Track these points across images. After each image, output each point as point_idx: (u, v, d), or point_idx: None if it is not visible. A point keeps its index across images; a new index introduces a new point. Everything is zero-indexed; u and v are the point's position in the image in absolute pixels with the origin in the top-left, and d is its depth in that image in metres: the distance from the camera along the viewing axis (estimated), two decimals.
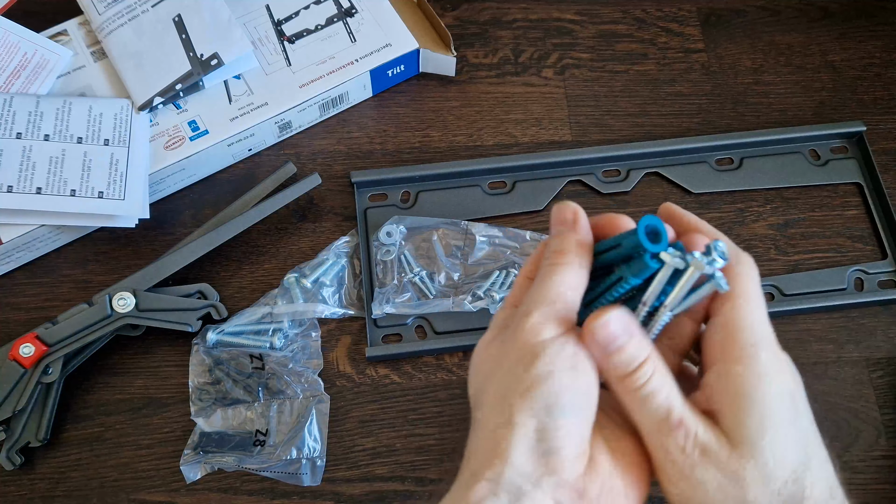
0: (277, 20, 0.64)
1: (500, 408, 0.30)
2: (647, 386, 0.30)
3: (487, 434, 0.30)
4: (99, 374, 0.56)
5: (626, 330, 0.30)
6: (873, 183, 0.63)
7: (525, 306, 0.31)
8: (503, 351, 0.31)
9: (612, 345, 0.30)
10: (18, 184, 0.55)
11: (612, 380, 0.31)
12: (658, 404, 0.30)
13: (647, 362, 0.30)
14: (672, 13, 0.71)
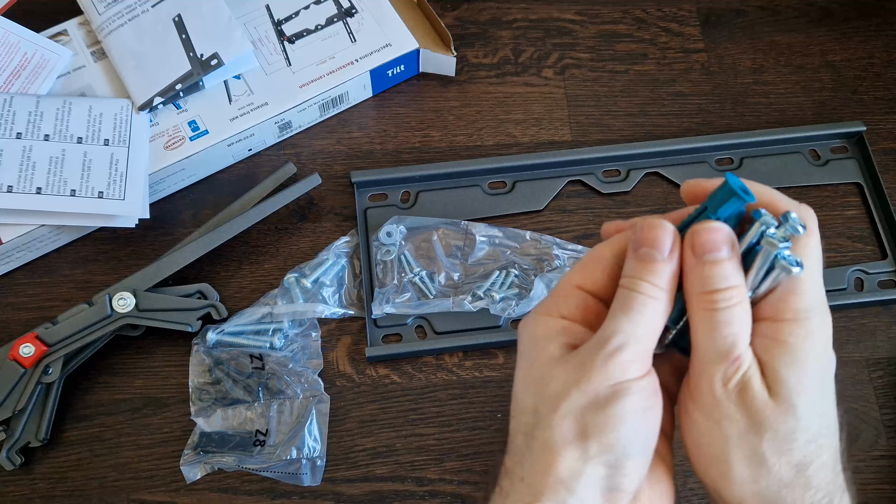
0: (277, 20, 0.64)
1: (574, 434, 0.29)
2: (728, 311, 0.29)
3: (554, 457, 0.30)
4: (99, 374, 0.56)
5: (730, 248, 0.29)
6: (873, 183, 0.63)
7: (614, 339, 0.29)
8: (582, 377, 0.30)
9: (714, 253, 0.29)
10: (18, 184, 0.55)
11: (692, 293, 0.30)
12: (728, 333, 0.29)
13: (738, 289, 0.29)
14: (672, 13, 0.71)
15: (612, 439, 0.29)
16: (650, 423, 0.30)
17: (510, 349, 0.57)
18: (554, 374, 0.30)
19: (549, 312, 0.32)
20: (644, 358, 0.30)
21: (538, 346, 0.32)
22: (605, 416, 0.29)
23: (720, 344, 0.29)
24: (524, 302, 0.56)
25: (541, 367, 0.31)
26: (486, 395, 0.55)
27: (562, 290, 0.33)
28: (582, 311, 0.32)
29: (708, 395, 0.30)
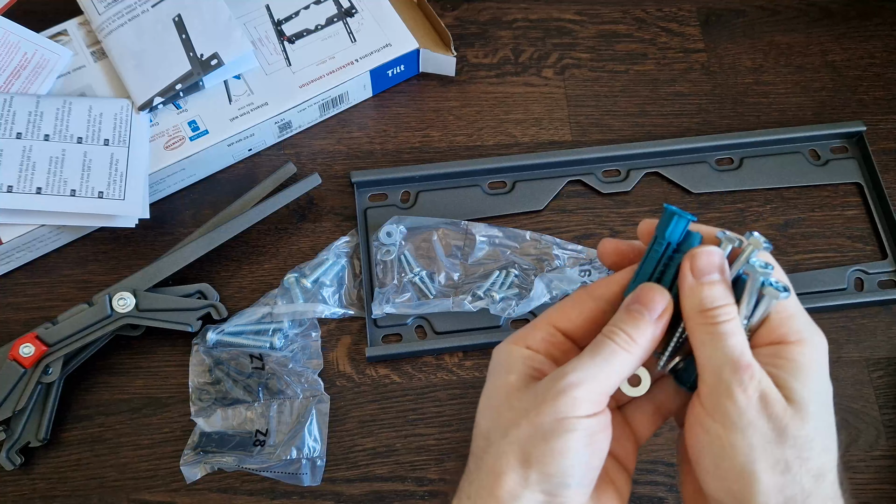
0: (277, 20, 0.64)
1: (517, 461, 0.31)
2: (728, 325, 0.31)
3: (496, 480, 0.31)
4: (99, 374, 0.56)
5: (723, 269, 0.32)
6: (873, 183, 0.63)
7: (573, 375, 0.31)
8: (534, 407, 0.31)
9: (710, 275, 0.32)
10: (18, 184, 0.55)
11: (691, 312, 0.32)
12: (734, 343, 0.31)
13: (731, 306, 0.31)
14: (672, 13, 0.71)
15: (552, 470, 0.31)
16: (593, 459, 0.31)
17: None
18: (510, 404, 0.32)
19: (516, 342, 0.34)
20: (598, 399, 0.31)
21: (501, 374, 0.34)
22: (548, 448, 0.31)
23: (730, 353, 0.30)
24: (524, 302, 0.56)
25: (500, 394, 0.33)
26: None
27: (536, 324, 0.35)
28: (548, 344, 0.34)
29: (730, 405, 0.30)
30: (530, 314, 0.57)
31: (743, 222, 0.62)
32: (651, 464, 0.54)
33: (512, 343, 0.35)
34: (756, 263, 0.31)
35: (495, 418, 0.33)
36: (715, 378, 0.31)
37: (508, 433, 0.31)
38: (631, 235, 0.61)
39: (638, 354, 0.32)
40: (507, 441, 0.31)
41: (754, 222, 0.62)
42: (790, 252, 0.61)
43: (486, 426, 0.33)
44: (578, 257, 0.59)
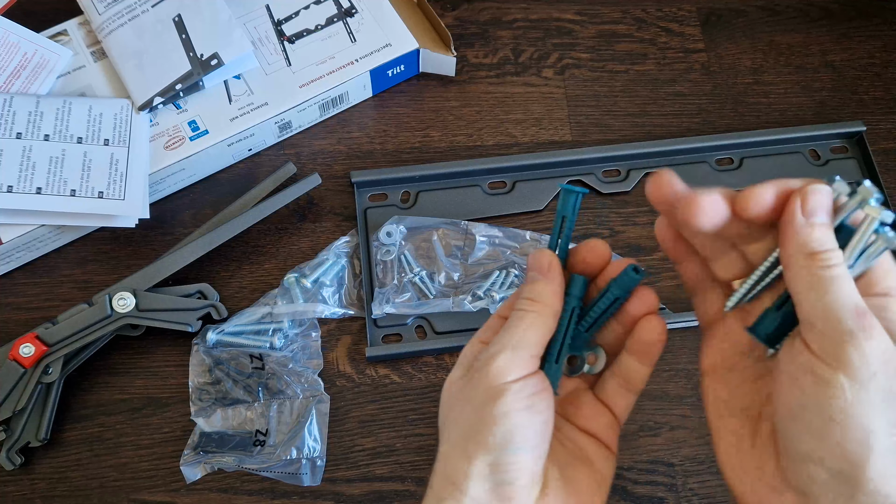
0: (277, 20, 0.64)
1: (460, 442, 0.32)
2: (841, 268, 0.29)
3: (449, 465, 0.33)
4: (99, 374, 0.56)
5: (830, 213, 0.30)
6: (873, 183, 0.63)
7: (493, 348, 0.33)
8: (469, 388, 0.33)
9: (819, 216, 0.29)
10: (18, 184, 0.55)
11: (798, 255, 0.29)
12: (851, 288, 0.28)
13: (839, 252, 0.29)
14: (672, 13, 0.71)
15: (489, 438, 0.32)
16: (534, 421, 0.32)
17: None
18: (452, 393, 0.35)
19: (473, 340, 0.36)
20: (522, 363, 0.33)
21: (456, 369, 0.36)
22: (483, 417, 0.32)
23: (848, 299, 0.28)
24: None
25: (447, 390, 0.35)
26: None
27: (488, 322, 0.37)
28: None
29: (855, 354, 0.27)
30: None
31: None
32: (651, 464, 0.54)
33: (471, 342, 0.37)
34: (873, 203, 0.29)
35: (445, 411, 0.35)
36: (833, 325, 0.28)
37: (449, 415, 0.34)
38: (631, 235, 0.61)
39: (546, 311, 0.34)
40: (450, 423, 0.34)
41: None
42: None
43: (441, 420, 0.35)
44: None
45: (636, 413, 0.55)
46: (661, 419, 0.55)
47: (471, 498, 0.32)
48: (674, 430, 0.55)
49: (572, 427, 0.36)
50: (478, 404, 0.32)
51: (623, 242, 0.61)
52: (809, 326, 0.29)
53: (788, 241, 0.29)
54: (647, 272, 0.34)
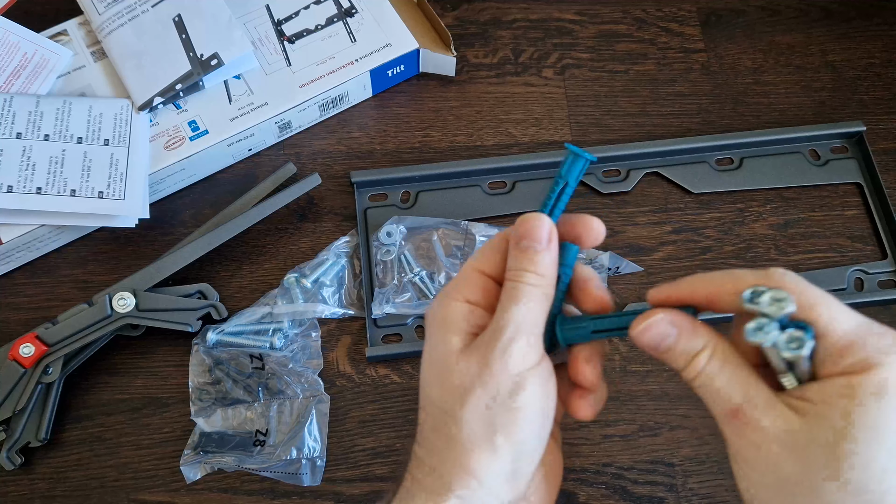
0: (277, 20, 0.64)
1: (482, 429, 0.31)
2: (702, 377, 0.30)
3: (464, 451, 0.31)
4: (99, 374, 0.56)
5: (671, 327, 0.30)
6: (873, 183, 0.63)
7: (510, 328, 0.31)
8: (484, 370, 0.31)
9: (661, 345, 0.31)
10: (18, 184, 0.55)
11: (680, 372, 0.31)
12: (717, 387, 0.30)
13: (701, 354, 0.30)
14: (672, 13, 0.71)
15: (517, 432, 0.31)
16: (549, 409, 0.32)
17: None
18: (457, 367, 0.32)
19: (454, 297, 0.33)
20: (537, 345, 0.32)
21: (441, 335, 0.33)
22: (511, 411, 0.31)
23: (720, 403, 0.30)
24: None
25: (443, 358, 0.33)
26: None
27: (464, 274, 0.34)
28: (483, 293, 0.34)
29: (748, 452, 0.29)
30: None
31: (743, 222, 0.62)
32: (651, 464, 0.54)
33: (451, 298, 0.33)
34: (770, 342, 0.28)
35: (444, 384, 0.32)
36: (720, 422, 0.30)
37: (466, 401, 0.31)
38: (631, 235, 0.61)
39: (548, 285, 0.32)
40: (468, 410, 0.31)
41: (754, 222, 0.62)
42: (790, 252, 0.61)
43: (438, 394, 0.32)
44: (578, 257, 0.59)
45: (635, 413, 0.55)
46: (660, 419, 0.55)
47: (488, 488, 0.31)
48: (674, 429, 0.55)
49: None
50: (503, 396, 0.31)
51: (623, 242, 0.61)
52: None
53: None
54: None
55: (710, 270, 0.32)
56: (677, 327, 0.30)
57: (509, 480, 0.32)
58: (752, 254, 0.61)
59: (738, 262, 0.60)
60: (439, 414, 0.32)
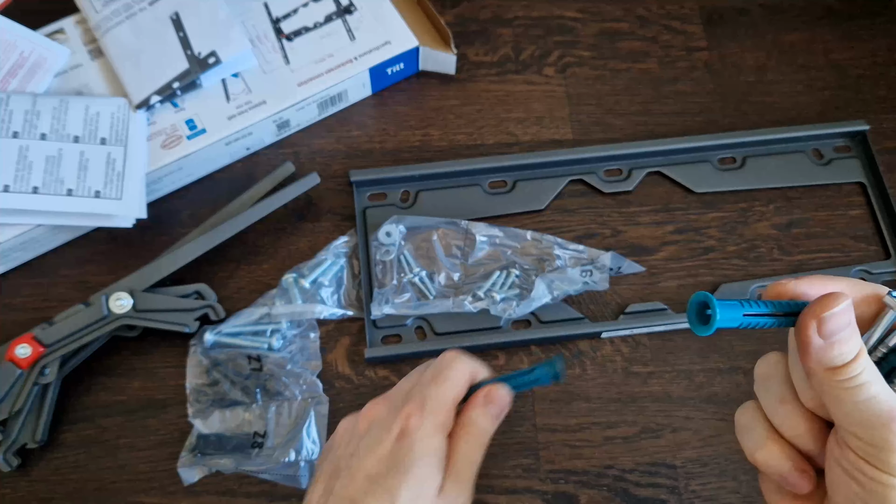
0: (275, 18, 0.64)
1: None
2: (861, 377, 0.29)
3: None
4: (96, 375, 0.55)
5: (850, 319, 0.29)
6: (877, 182, 0.62)
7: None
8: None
9: (836, 335, 0.29)
10: (15, 183, 0.54)
11: (818, 371, 0.29)
12: (877, 397, 0.28)
13: (862, 355, 0.29)
14: (674, 11, 0.70)
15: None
16: None
17: (511, 350, 0.57)
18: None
19: (442, 431, 0.37)
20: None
21: (430, 471, 0.36)
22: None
23: (878, 409, 0.29)
24: (525, 302, 0.55)
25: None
26: None
27: (444, 408, 0.37)
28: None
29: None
30: (531, 315, 0.57)
31: (746, 222, 0.61)
32: (653, 466, 0.53)
33: (441, 433, 0.38)
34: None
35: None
36: (869, 435, 0.28)
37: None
38: (633, 235, 0.61)
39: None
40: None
41: (757, 222, 0.61)
42: (793, 252, 0.60)
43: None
44: (580, 257, 0.58)
45: (638, 415, 0.55)
46: (663, 421, 0.55)
47: None
48: (676, 431, 0.54)
49: None
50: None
51: (625, 243, 0.60)
52: (846, 435, 0.29)
53: (807, 357, 0.29)
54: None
55: (714, 270, 0.31)
56: (852, 318, 0.29)
57: None
58: (755, 254, 0.60)
59: (741, 262, 0.60)
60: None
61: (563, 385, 0.55)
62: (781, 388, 0.32)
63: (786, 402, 0.31)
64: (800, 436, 0.31)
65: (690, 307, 0.30)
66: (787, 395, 0.31)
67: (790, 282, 0.31)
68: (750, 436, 0.33)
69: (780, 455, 0.31)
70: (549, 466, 0.53)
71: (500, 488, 0.53)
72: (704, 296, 0.29)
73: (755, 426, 0.33)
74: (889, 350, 0.30)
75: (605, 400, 0.55)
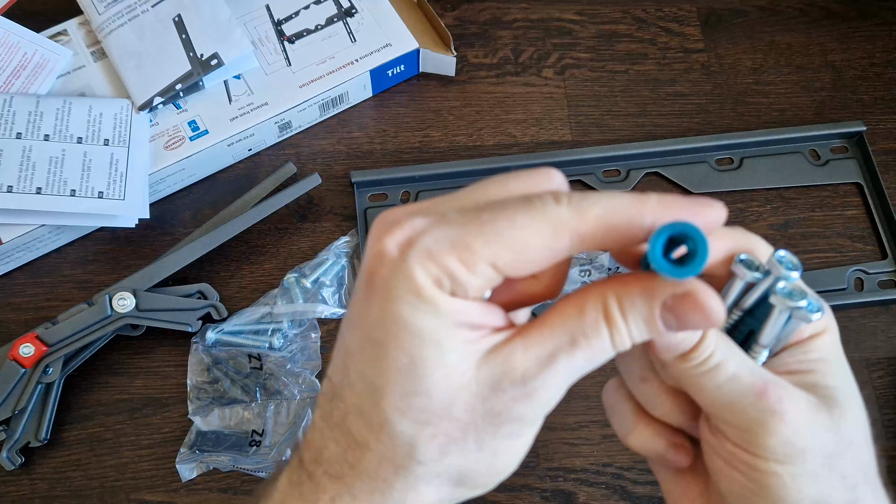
0: (277, 20, 0.64)
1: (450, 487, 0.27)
2: (715, 359, 0.26)
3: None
4: (99, 374, 0.56)
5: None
6: (873, 183, 0.63)
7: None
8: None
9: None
10: (18, 184, 0.55)
11: (669, 358, 0.26)
12: (739, 377, 0.26)
13: (708, 333, 0.26)
14: (672, 13, 0.71)
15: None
16: None
17: None
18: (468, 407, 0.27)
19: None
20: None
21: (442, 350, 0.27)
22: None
23: (742, 389, 0.27)
24: None
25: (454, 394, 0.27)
26: None
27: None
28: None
29: (774, 441, 0.26)
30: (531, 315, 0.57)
31: (743, 222, 0.62)
32: None
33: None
34: (783, 291, 0.25)
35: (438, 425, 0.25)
36: (738, 418, 0.26)
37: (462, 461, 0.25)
38: None
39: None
40: (445, 466, 0.25)
41: (754, 223, 0.62)
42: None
43: (411, 433, 0.24)
44: (578, 257, 0.59)
45: None
46: None
47: None
48: None
49: None
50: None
51: None
52: (718, 422, 0.27)
53: (651, 349, 0.26)
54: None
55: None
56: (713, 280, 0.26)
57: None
58: None
59: None
60: (403, 459, 0.25)
61: None
62: (640, 365, 0.29)
63: (647, 379, 0.29)
64: (667, 413, 0.29)
65: (656, 243, 0.23)
66: (647, 373, 0.29)
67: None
68: (618, 418, 0.31)
69: (652, 435, 0.29)
70: (548, 464, 0.54)
71: (499, 486, 0.53)
72: (686, 228, 0.22)
73: (621, 406, 0.30)
74: (744, 312, 0.27)
75: None
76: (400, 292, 0.23)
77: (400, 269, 0.23)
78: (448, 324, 0.24)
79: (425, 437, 0.24)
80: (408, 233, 0.24)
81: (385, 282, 0.24)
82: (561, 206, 0.24)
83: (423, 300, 0.23)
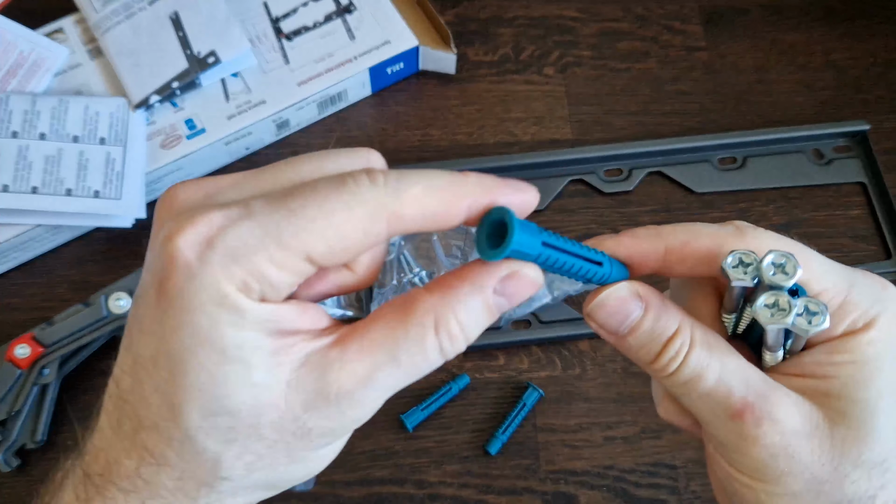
0: (275, 17, 0.64)
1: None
2: (685, 371, 0.24)
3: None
4: (96, 375, 0.55)
5: (635, 301, 0.25)
6: (877, 182, 0.62)
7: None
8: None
9: (622, 326, 0.25)
10: (14, 183, 0.54)
11: (644, 367, 0.26)
12: (712, 391, 0.24)
13: (675, 339, 0.24)
14: (674, 11, 0.70)
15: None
16: None
17: (510, 350, 0.56)
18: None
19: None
20: None
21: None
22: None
23: (715, 404, 0.26)
24: (525, 303, 0.55)
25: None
26: (486, 397, 0.55)
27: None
28: None
29: (762, 464, 0.25)
30: (531, 315, 0.57)
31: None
32: (653, 466, 0.53)
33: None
34: (760, 309, 0.24)
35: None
36: (719, 434, 0.25)
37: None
38: None
39: None
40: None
41: (757, 222, 0.61)
42: None
43: (216, 451, 0.23)
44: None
45: (638, 415, 0.55)
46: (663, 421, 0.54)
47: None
48: (676, 432, 0.54)
49: None
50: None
51: None
52: (705, 433, 0.26)
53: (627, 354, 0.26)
54: None
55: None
56: (645, 302, 0.25)
57: None
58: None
59: None
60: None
61: (563, 385, 0.55)
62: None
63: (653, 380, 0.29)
64: (668, 414, 0.29)
65: (482, 227, 0.23)
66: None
67: (607, 238, 0.27)
68: (653, 386, 0.30)
69: (677, 412, 0.28)
70: (549, 467, 0.53)
71: (500, 489, 0.52)
72: (502, 212, 0.23)
73: (654, 382, 0.30)
74: (750, 321, 0.26)
75: (605, 400, 0.55)
76: (198, 302, 0.21)
77: (198, 276, 0.21)
78: (255, 336, 0.21)
79: (232, 454, 0.22)
80: (205, 232, 0.21)
81: (181, 291, 0.21)
82: (377, 186, 0.22)
83: (227, 310, 0.21)
